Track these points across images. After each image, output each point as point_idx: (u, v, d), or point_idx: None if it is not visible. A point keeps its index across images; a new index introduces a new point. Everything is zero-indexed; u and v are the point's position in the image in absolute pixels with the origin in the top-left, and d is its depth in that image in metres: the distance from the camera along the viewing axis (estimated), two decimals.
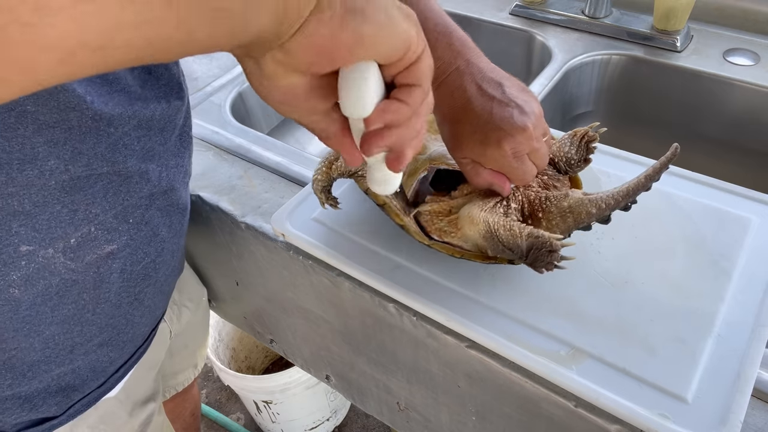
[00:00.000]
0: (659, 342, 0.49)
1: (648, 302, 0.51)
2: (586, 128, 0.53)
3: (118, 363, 0.63)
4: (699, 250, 0.55)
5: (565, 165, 0.53)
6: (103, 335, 0.57)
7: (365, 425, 1.51)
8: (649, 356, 0.48)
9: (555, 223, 0.48)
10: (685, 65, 0.86)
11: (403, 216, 0.53)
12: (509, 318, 0.52)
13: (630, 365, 0.47)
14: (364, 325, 0.65)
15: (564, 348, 0.49)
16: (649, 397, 0.45)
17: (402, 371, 0.66)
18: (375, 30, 0.28)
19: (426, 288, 0.55)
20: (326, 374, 0.83)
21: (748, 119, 0.84)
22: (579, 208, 0.48)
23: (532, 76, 0.91)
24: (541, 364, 0.48)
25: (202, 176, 0.75)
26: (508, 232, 0.47)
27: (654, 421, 0.44)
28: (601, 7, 0.94)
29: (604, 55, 0.91)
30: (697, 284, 0.52)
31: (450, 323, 0.52)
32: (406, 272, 0.56)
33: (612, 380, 0.47)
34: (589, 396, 0.46)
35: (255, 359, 1.53)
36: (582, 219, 0.48)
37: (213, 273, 0.86)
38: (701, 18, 0.93)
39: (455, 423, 0.66)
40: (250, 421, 1.55)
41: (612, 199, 0.47)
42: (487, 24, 1.02)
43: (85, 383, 0.59)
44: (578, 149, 0.53)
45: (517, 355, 0.49)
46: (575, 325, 0.50)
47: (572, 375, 0.47)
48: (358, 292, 0.60)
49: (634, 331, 0.50)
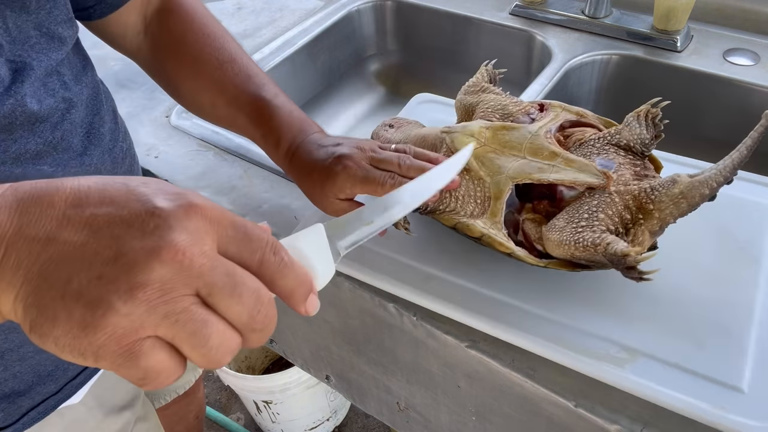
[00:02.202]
0: (705, 334, 0.49)
1: (685, 295, 0.52)
2: (646, 106, 0.53)
3: (72, 370, 0.61)
4: (725, 239, 0.56)
5: (641, 146, 0.53)
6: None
7: (365, 425, 1.51)
8: (698, 349, 0.48)
9: (669, 211, 0.48)
10: (685, 65, 0.86)
11: (507, 243, 0.52)
12: (552, 322, 0.51)
13: (681, 360, 0.47)
14: (364, 325, 0.65)
15: (614, 348, 0.49)
16: (706, 390, 0.46)
17: (402, 371, 0.66)
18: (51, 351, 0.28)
19: (462, 297, 0.54)
20: (326, 374, 0.83)
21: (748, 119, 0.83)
22: (692, 192, 0.47)
23: (532, 76, 0.91)
24: (595, 366, 0.48)
25: (202, 176, 0.75)
26: (583, 251, 0.47)
27: (716, 415, 0.44)
28: (601, 7, 0.94)
29: (604, 55, 0.91)
30: (730, 273, 0.53)
31: (496, 332, 0.52)
32: (440, 282, 0.56)
33: (667, 376, 0.47)
34: (647, 394, 0.46)
35: (255, 359, 1.53)
36: (696, 202, 0.47)
37: None
38: (701, 18, 0.93)
39: (455, 423, 0.66)
40: (250, 421, 1.55)
41: (721, 175, 0.46)
42: (487, 24, 1.02)
43: (31, 388, 0.57)
44: (647, 128, 0.53)
45: (570, 360, 0.49)
46: (620, 323, 0.50)
47: (627, 375, 0.47)
48: (358, 292, 0.60)
49: (677, 325, 0.50)
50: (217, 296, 0.28)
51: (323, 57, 1.09)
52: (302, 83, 1.07)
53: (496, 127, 0.56)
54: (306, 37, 1.04)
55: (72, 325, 0.26)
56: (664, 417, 0.46)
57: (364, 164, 0.54)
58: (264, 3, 1.16)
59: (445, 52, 1.10)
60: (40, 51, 0.50)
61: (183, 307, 0.27)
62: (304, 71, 1.06)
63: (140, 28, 0.65)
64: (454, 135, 0.57)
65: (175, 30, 0.64)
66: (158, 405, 0.93)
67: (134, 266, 0.26)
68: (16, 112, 0.47)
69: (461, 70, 1.08)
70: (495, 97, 0.61)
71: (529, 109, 0.59)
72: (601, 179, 0.50)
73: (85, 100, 0.56)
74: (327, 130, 0.62)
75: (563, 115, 0.57)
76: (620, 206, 0.49)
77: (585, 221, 0.49)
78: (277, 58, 0.99)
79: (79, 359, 0.27)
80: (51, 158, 0.51)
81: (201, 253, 0.28)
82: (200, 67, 0.63)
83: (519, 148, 0.54)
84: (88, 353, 0.27)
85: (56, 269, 0.27)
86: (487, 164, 0.54)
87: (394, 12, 1.13)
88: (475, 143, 0.55)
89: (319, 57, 1.08)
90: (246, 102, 0.62)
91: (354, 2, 1.11)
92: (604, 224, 0.49)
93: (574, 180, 0.50)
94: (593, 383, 0.49)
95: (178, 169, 0.78)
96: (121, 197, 0.28)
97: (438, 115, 0.76)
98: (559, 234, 0.49)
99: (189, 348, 0.28)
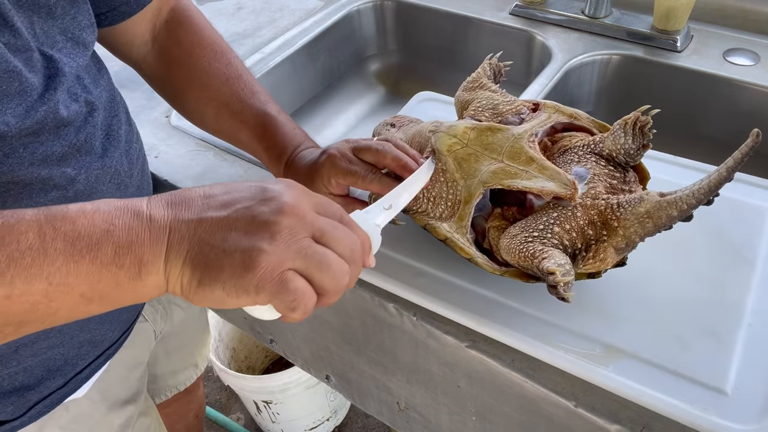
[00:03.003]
0: (691, 335, 0.49)
1: (674, 296, 0.52)
2: (635, 114, 0.50)
3: (80, 365, 0.62)
4: (719, 242, 0.55)
5: (624, 157, 0.51)
6: (50, 339, 0.57)
7: (365, 425, 1.51)
8: (683, 350, 0.48)
9: (633, 230, 0.46)
10: (685, 65, 0.86)
11: (468, 249, 0.52)
12: (537, 319, 0.51)
13: (665, 360, 0.47)
14: (364, 325, 0.65)
15: (597, 347, 0.49)
16: (688, 391, 0.46)
17: (402, 371, 0.66)
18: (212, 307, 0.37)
19: (452, 294, 0.54)
20: (326, 374, 0.83)
21: (748, 119, 0.84)
22: (658, 212, 0.45)
23: (532, 76, 0.91)
24: (576, 365, 0.48)
25: (202, 176, 0.75)
26: (524, 261, 0.47)
27: (696, 416, 0.44)
28: (601, 7, 0.94)
29: (604, 55, 0.91)
30: (722, 275, 0.53)
31: (481, 328, 0.52)
32: (431, 279, 0.56)
33: (649, 376, 0.47)
34: (628, 394, 0.46)
35: (255, 359, 1.53)
36: (663, 223, 0.45)
37: None
38: (701, 18, 0.93)
39: (455, 423, 0.66)
40: (250, 421, 1.55)
41: (693, 198, 0.44)
42: (487, 24, 1.02)
43: (41, 383, 0.58)
44: (634, 138, 0.50)
45: (551, 357, 0.49)
46: (605, 322, 0.50)
47: (609, 373, 0.47)
48: (358, 292, 0.60)
49: (664, 326, 0.50)
50: (326, 237, 0.39)
51: (323, 57, 1.09)
52: (302, 83, 1.07)
53: (481, 128, 0.55)
54: (306, 37, 1.04)
55: (235, 268, 0.36)
56: (664, 418, 0.46)
57: (348, 154, 0.57)
58: (264, 3, 1.16)
59: (445, 52, 1.10)
60: (67, 55, 0.51)
61: (308, 244, 0.38)
62: (304, 71, 1.06)
63: (148, 38, 0.66)
64: (438, 134, 0.56)
65: (185, 42, 0.66)
66: (159, 401, 0.93)
67: (267, 221, 0.37)
68: (48, 119, 0.48)
69: (461, 70, 1.08)
70: (489, 95, 0.60)
71: (520, 109, 0.58)
72: (568, 190, 0.48)
73: (104, 103, 0.58)
74: (327, 129, 0.63)
75: (555, 117, 0.56)
76: (582, 221, 0.48)
77: (538, 232, 0.48)
78: (277, 58, 0.99)
79: (242, 296, 0.36)
80: (74, 160, 0.53)
81: (308, 210, 0.39)
82: (208, 81, 0.65)
83: (499, 151, 0.53)
84: (250, 288, 0.36)
85: (211, 235, 0.37)
86: (464, 166, 0.53)
87: (394, 12, 1.13)
88: (457, 144, 0.55)
89: (319, 57, 1.08)
90: (251, 116, 0.64)
91: (354, 2, 1.11)
92: (557, 238, 0.48)
93: (541, 189, 0.49)
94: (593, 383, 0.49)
95: (178, 168, 0.77)
96: (238, 186, 0.39)
97: (439, 113, 0.76)
98: (509, 241, 0.49)
99: (319, 273, 0.38)
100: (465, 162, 0.54)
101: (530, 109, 0.58)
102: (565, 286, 0.44)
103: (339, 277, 0.39)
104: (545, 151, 0.55)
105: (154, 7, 0.64)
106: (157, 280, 0.37)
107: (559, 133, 0.57)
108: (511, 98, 0.60)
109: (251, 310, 0.40)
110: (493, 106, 0.59)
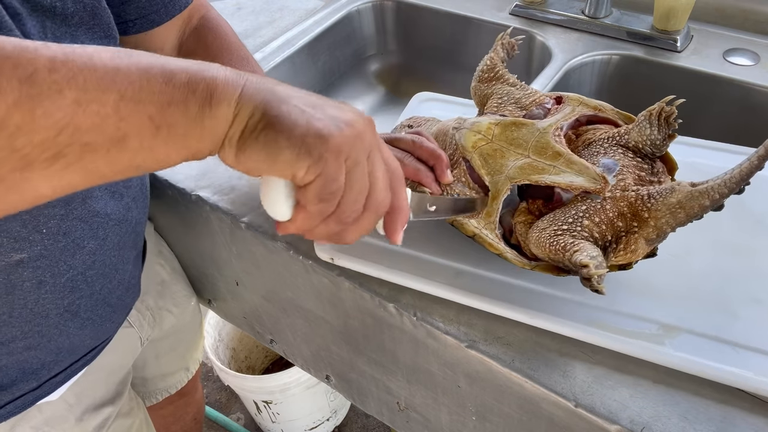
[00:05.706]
0: (738, 305, 0.50)
1: (713, 269, 0.53)
2: (660, 104, 0.50)
3: (56, 369, 0.62)
4: (741, 213, 0.57)
5: (650, 148, 0.51)
6: (27, 340, 0.57)
7: (365, 425, 1.51)
8: (734, 320, 0.49)
9: (665, 220, 0.46)
10: (685, 65, 0.86)
11: (497, 244, 0.52)
12: (588, 306, 0.52)
13: (720, 332, 0.48)
14: (364, 325, 0.65)
15: (652, 326, 0.49)
16: (748, 359, 0.46)
17: (402, 371, 0.66)
18: (258, 165, 0.37)
19: (494, 290, 0.54)
20: (326, 374, 0.83)
21: (749, 119, 0.84)
22: (690, 203, 0.45)
23: (532, 76, 0.91)
24: (637, 345, 0.48)
25: (202, 176, 0.75)
26: (555, 254, 0.47)
27: (762, 382, 0.45)
28: (601, 7, 0.94)
29: (604, 55, 0.91)
30: (751, 244, 0.54)
31: (534, 321, 0.52)
32: (471, 277, 0.56)
33: (708, 349, 0.47)
34: (692, 368, 0.47)
35: (255, 359, 1.53)
36: (695, 212, 0.45)
37: (213, 273, 0.86)
38: (701, 18, 0.93)
39: (455, 423, 0.66)
40: (250, 421, 1.55)
41: (726, 187, 0.44)
42: (487, 24, 1.02)
43: (14, 383, 0.59)
44: (659, 128, 0.50)
45: (610, 342, 0.49)
46: (655, 302, 0.51)
47: (669, 351, 0.48)
48: (358, 292, 0.60)
49: (710, 298, 0.50)
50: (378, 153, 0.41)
51: (323, 57, 1.09)
52: (302, 83, 1.07)
53: (506, 123, 0.55)
54: (306, 37, 1.04)
55: (311, 131, 0.36)
56: (664, 417, 0.46)
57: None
58: (264, 3, 1.16)
59: (445, 52, 1.11)
60: None
61: (371, 147, 0.39)
62: (304, 71, 1.06)
63: (176, 44, 0.67)
64: (462, 131, 0.56)
65: (213, 47, 0.66)
66: (149, 403, 0.93)
67: (353, 119, 0.38)
68: None
69: (461, 69, 1.08)
70: (509, 90, 0.59)
71: (543, 100, 0.57)
72: (597, 184, 0.48)
73: None
74: None
75: (579, 109, 0.55)
76: (612, 213, 0.48)
77: (567, 225, 0.48)
78: (277, 58, 0.99)
79: (303, 156, 0.36)
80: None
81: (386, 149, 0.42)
82: None
83: (525, 146, 0.53)
84: (314, 153, 0.36)
85: (296, 99, 0.38)
86: (490, 162, 0.53)
87: (394, 12, 1.13)
88: (482, 140, 0.54)
89: (320, 57, 1.08)
90: None
91: (354, 2, 1.11)
92: (587, 231, 0.48)
93: (570, 184, 0.49)
94: (593, 383, 0.49)
95: (177, 168, 0.77)
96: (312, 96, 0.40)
97: (439, 113, 0.76)
98: (538, 234, 0.49)
99: (375, 171, 0.40)
100: (491, 158, 0.53)
101: (554, 101, 0.58)
102: (599, 278, 0.44)
103: (385, 184, 0.41)
104: (569, 144, 0.54)
105: (185, 15, 0.65)
106: (227, 114, 0.35)
107: (584, 126, 0.56)
108: (531, 89, 0.59)
109: (274, 200, 0.39)
110: (515, 100, 0.58)
